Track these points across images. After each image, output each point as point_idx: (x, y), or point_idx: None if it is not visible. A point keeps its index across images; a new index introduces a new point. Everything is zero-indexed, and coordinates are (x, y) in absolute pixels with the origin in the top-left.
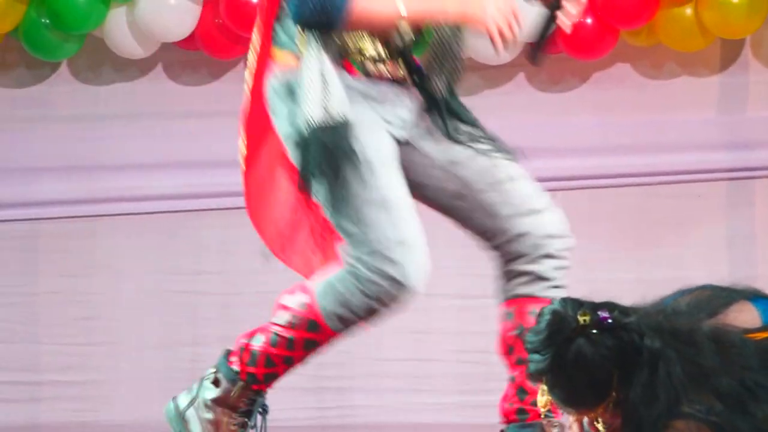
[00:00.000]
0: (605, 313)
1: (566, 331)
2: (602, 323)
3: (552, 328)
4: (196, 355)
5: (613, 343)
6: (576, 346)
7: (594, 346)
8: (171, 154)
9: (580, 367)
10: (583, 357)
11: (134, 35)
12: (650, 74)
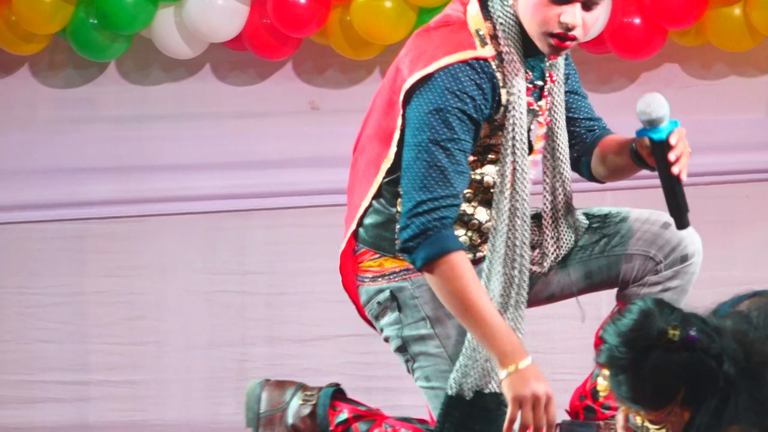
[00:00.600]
0: (694, 333)
1: (651, 337)
2: (688, 343)
3: (636, 331)
4: (243, 355)
5: (691, 363)
6: (654, 356)
7: (671, 360)
8: (218, 155)
9: (653, 375)
10: (658, 368)
11: (182, 36)
12: (698, 74)
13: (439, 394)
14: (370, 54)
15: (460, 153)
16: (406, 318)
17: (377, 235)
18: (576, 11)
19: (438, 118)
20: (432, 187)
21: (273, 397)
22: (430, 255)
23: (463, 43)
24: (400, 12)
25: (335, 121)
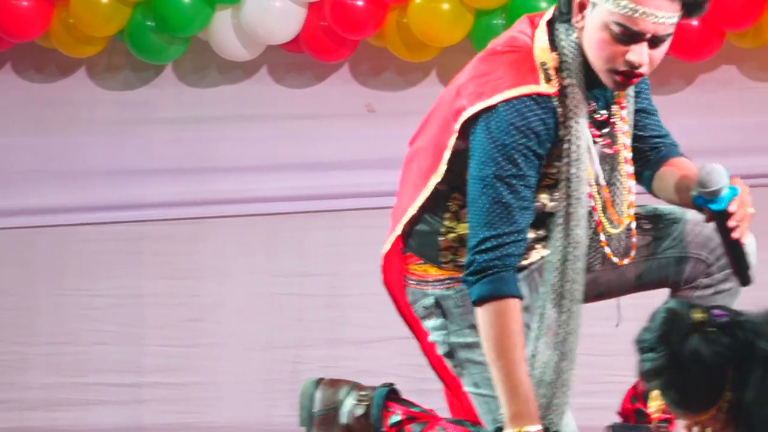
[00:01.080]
0: (719, 311)
1: (682, 329)
2: (717, 320)
3: (667, 326)
4: (300, 357)
5: (728, 341)
6: (692, 343)
7: (710, 344)
8: (276, 156)
9: (696, 364)
10: (699, 354)
11: (239, 38)
12: (756, 76)
13: (488, 400)
14: (427, 56)
15: (524, 189)
16: (452, 325)
17: (422, 244)
18: (643, 50)
19: (503, 154)
20: (496, 223)
21: (327, 396)
22: (484, 294)
23: (527, 77)
24: (457, 14)
25: (391, 124)
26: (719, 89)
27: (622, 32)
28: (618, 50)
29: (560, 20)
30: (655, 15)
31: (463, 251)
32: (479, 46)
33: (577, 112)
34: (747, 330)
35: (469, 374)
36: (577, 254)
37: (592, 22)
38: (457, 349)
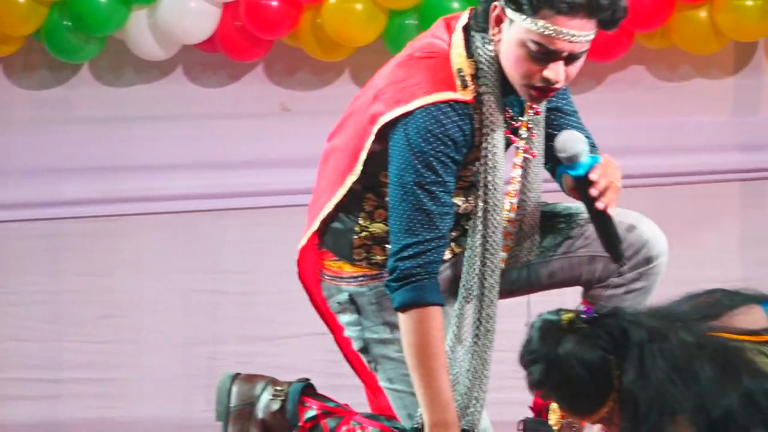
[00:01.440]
0: (587, 307)
1: (555, 333)
2: (587, 316)
3: (542, 335)
4: (216, 353)
5: (602, 333)
6: (566, 345)
7: (584, 340)
8: (191, 155)
9: (576, 363)
10: (575, 353)
11: (155, 37)
12: (664, 76)
13: (402, 396)
14: (341, 56)
15: (444, 194)
16: (366, 321)
17: (336, 241)
18: (559, 67)
19: (422, 161)
20: (417, 230)
21: (243, 391)
22: (407, 301)
23: (444, 84)
24: (371, 14)
25: (306, 123)
26: (628, 89)
27: (539, 50)
28: (535, 67)
29: (476, 29)
30: (572, 34)
31: (377, 249)
32: (392, 46)
33: (493, 120)
34: (619, 318)
35: (383, 370)
36: (494, 261)
37: (508, 37)
38: (371, 345)
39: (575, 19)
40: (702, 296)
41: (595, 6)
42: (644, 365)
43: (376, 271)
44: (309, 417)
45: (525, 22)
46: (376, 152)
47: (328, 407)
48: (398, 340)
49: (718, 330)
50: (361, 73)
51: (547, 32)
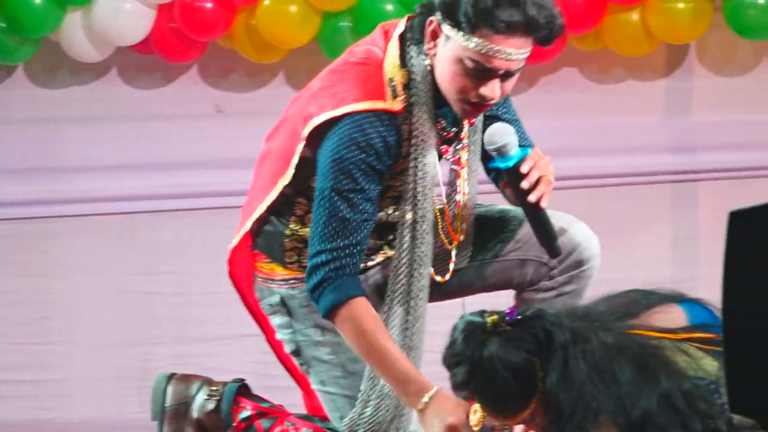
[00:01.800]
0: (509, 309)
1: (479, 335)
2: (511, 319)
3: (465, 337)
4: (150, 354)
5: (525, 334)
6: (491, 347)
7: (509, 343)
8: (126, 157)
9: (500, 366)
10: (499, 356)
11: (90, 39)
12: (597, 78)
13: (334, 398)
14: (275, 58)
15: (363, 202)
16: (297, 324)
17: (268, 243)
18: (495, 84)
19: (341, 168)
20: (332, 237)
21: (179, 391)
22: (328, 305)
23: (373, 92)
24: (305, 16)
25: (240, 124)
26: (561, 91)
27: (475, 68)
28: (470, 84)
29: (411, 41)
30: (509, 53)
31: (307, 252)
32: (326, 48)
33: (422, 131)
34: (543, 320)
35: (315, 372)
36: (422, 272)
37: (445, 53)
38: (303, 348)
39: (513, 38)
40: (618, 297)
41: (533, 25)
42: (567, 367)
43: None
44: (244, 417)
45: (462, 39)
46: (308, 158)
47: (263, 408)
48: (330, 343)
49: (637, 329)
50: (296, 75)
51: (485, 51)
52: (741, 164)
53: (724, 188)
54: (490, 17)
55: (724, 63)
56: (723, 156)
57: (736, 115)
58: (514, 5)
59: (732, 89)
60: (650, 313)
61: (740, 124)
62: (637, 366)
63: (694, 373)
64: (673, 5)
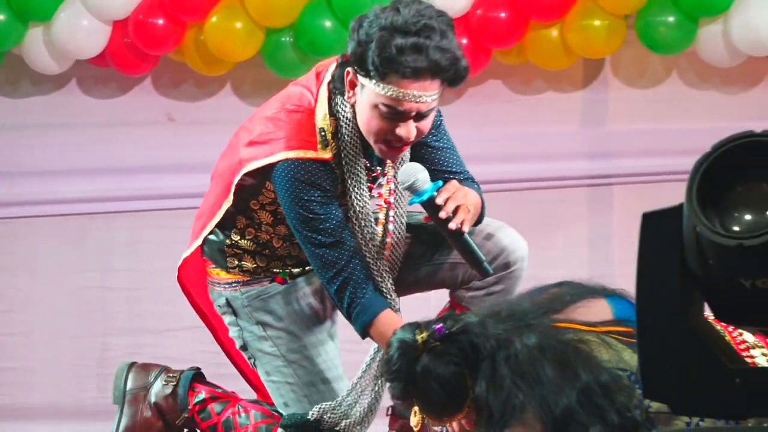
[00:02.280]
0: (438, 326)
1: (411, 354)
2: (438, 335)
3: (399, 354)
4: (106, 344)
5: (453, 348)
6: (422, 363)
7: (438, 357)
8: (83, 162)
9: (431, 380)
10: (430, 371)
11: (50, 53)
12: (520, 90)
13: (278, 386)
14: (222, 70)
15: (333, 226)
16: (243, 322)
17: (213, 252)
18: (409, 125)
19: (301, 208)
20: (327, 265)
21: (139, 377)
22: (359, 330)
23: (306, 142)
24: (250, 32)
25: (189, 132)
26: (487, 101)
27: (389, 111)
28: (387, 126)
29: (337, 91)
30: (418, 96)
31: (247, 258)
32: (269, 61)
33: (352, 174)
34: (470, 333)
35: (261, 364)
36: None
37: (362, 100)
38: (249, 342)
39: (420, 81)
40: (544, 291)
41: (437, 69)
42: (494, 374)
43: (248, 277)
44: (198, 401)
45: (374, 86)
46: (247, 185)
47: (216, 392)
48: (271, 337)
49: (561, 323)
50: (241, 86)
51: (395, 95)
52: (652, 169)
53: (637, 192)
54: (396, 64)
55: (637, 76)
56: (636, 162)
57: (648, 124)
58: (417, 51)
59: (644, 100)
60: (576, 306)
61: (652, 133)
62: (559, 364)
63: (616, 365)
64: (590, 23)
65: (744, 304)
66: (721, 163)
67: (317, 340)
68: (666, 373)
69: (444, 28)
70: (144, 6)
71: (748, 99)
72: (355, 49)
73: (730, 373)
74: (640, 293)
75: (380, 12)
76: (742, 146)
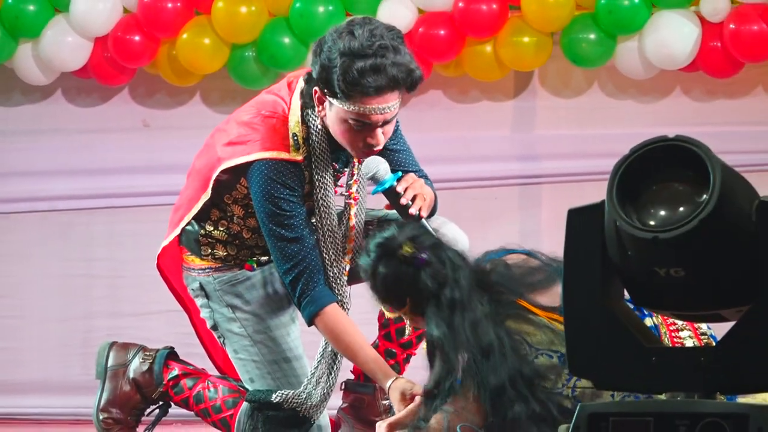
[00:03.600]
0: (425, 256)
1: (391, 247)
2: (415, 261)
3: (385, 239)
4: (89, 326)
5: (413, 278)
6: (385, 263)
7: (398, 271)
8: (68, 163)
9: (383, 279)
10: (387, 274)
11: (38, 66)
12: (457, 99)
13: (245, 363)
14: (192, 81)
15: (296, 222)
16: (214, 304)
17: (188, 240)
18: (377, 134)
19: (271, 202)
20: (286, 258)
21: (119, 355)
22: (307, 317)
23: (279, 144)
24: (217, 48)
25: (163, 136)
26: (428, 109)
27: (357, 124)
28: (356, 136)
29: (307, 105)
30: (382, 108)
31: (219, 247)
32: (234, 73)
33: (320, 175)
34: (436, 279)
35: (230, 342)
36: (336, 270)
37: (331, 115)
38: (219, 323)
39: (382, 95)
40: (535, 263)
41: (395, 83)
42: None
43: (219, 264)
44: (172, 376)
45: (342, 104)
46: (223, 180)
47: (188, 369)
48: (239, 318)
49: (525, 301)
50: (209, 96)
51: (362, 110)
52: (576, 170)
53: (563, 190)
54: (359, 86)
55: (562, 87)
56: (561, 163)
57: (572, 129)
58: (376, 71)
59: (568, 108)
60: (543, 289)
61: (575, 137)
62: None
63: (548, 347)
64: (520, 39)
65: (658, 291)
66: (638, 164)
67: (281, 323)
68: (589, 352)
69: (396, 44)
70: (122, 24)
71: (661, 107)
72: (320, 73)
73: (647, 351)
74: (566, 281)
75: (337, 37)
76: (657, 149)
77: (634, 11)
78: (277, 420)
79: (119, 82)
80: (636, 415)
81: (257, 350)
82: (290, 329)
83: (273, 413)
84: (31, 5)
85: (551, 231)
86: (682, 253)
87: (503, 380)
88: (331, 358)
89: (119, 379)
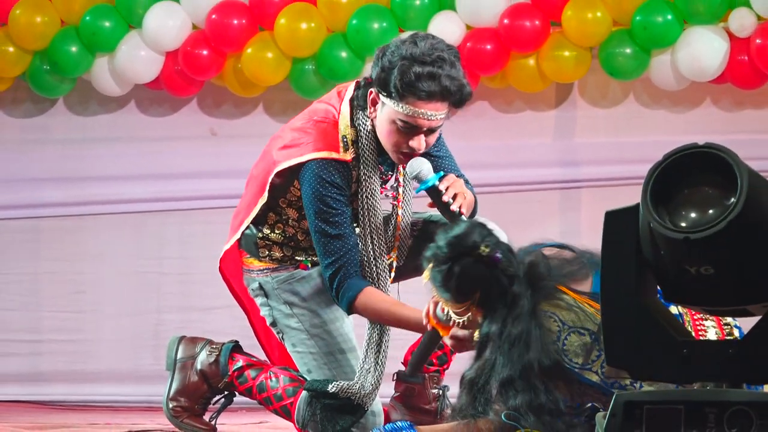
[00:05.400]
0: (499, 255)
1: (467, 246)
2: (491, 260)
3: (460, 238)
4: (160, 320)
5: (489, 276)
6: (465, 261)
7: (475, 269)
8: (141, 169)
9: (459, 275)
10: (464, 271)
11: (114, 78)
12: (502, 109)
13: (302, 356)
14: (256, 93)
15: (342, 220)
16: (273, 302)
17: (247, 244)
18: (421, 138)
19: (319, 199)
20: (328, 252)
21: (187, 348)
22: (345, 306)
23: (330, 146)
24: (279, 62)
25: (229, 144)
26: (475, 119)
27: (404, 126)
28: (402, 139)
29: (359, 107)
30: (430, 114)
31: (276, 249)
32: (295, 85)
33: (368, 176)
34: (507, 276)
35: (288, 337)
36: (379, 265)
37: (382, 116)
38: (278, 320)
39: (432, 102)
40: (575, 254)
41: (446, 93)
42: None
43: (276, 264)
44: (237, 367)
45: (394, 105)
46: (277, 184)
47: (252, 360)
48: (297, 314)
49: (564, 286)
50: (272, 106)
51: (411, 113)
52: (613, 175)
53: (601, 194)
54: (414, 88)
55: (600, 98)
56: (599, 169)
57: (609, 137)
58: (431, 78)
59: (606, 117)
60: (579, 279)
61: (612, 145)
62: (525, 337)
63: (582, 324)
64: (561, 53)
65: (689, 287)
66: (670, 169)
67: (335, 317)
68: (625, 343)
69: (453, 59)
70: (191, 39)
71: (692, 117)
72: (379, 74)
73: (678, 344)
74: (603, 278)
75: (401, 44)
76: (688, 156)
77: (668, 27)
78: (334, 408)
79: (188, 93)
80: (668, 403)
81: (314, 343)
82: (344, 323)
83: (329, 401)
84: (107, 22)
85: (590, 232)
86: (712, 253)
87: (514, 372)
88: (376, 349)
89: (188, 370)
